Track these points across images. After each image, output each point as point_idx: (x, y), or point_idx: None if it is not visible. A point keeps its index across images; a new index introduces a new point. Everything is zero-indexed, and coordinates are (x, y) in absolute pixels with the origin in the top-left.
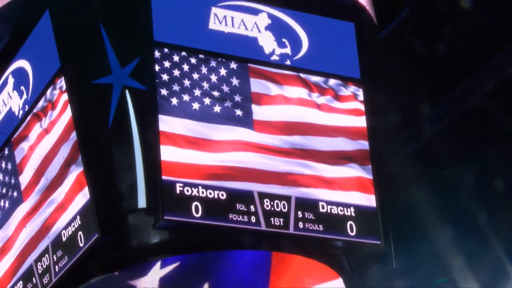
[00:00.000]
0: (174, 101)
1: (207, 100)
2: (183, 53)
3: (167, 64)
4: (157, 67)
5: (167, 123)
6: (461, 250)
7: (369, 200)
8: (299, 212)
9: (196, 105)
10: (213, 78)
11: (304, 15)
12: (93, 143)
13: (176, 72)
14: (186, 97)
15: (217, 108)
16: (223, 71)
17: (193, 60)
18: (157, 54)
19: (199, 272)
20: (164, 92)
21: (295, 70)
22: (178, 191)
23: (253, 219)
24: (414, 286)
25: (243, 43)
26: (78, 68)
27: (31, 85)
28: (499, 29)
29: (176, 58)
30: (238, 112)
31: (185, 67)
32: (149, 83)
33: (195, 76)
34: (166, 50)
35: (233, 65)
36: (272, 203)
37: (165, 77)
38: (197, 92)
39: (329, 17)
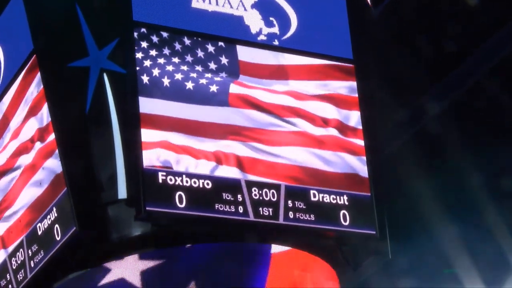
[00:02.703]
0: (152, 82)
1: (189, 84)
2: (164, 34)
3: (146, 45)
4: (136, 48)
5: (147, 105)
6: (466, 246)
7: (363, 188)
8: (289, 201)
9: (176, 87)
10: (191, 59)
11: None
12: (69, 130)
13: (157, 53)
14: (165, 80)
15: (198, 89)
16: (202, 52)
17: (174, 41)
18: (136, 35)
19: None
20: (144, 76)
21: (283, 51)
22: (160, 180)
23: (240, 209)
24: (414, 282)
25: (228, 22)
26: (53, 51)
27: (2, 69)
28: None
29: (156, 39)
30: (219, 94)
31: (166, 49)
32: (129, 65)
33: (176, 57)
34: (145, 30)
35: (215, 46)
36: (260, 192)
37: (145, 59)
38: (178, 76)
39: None
